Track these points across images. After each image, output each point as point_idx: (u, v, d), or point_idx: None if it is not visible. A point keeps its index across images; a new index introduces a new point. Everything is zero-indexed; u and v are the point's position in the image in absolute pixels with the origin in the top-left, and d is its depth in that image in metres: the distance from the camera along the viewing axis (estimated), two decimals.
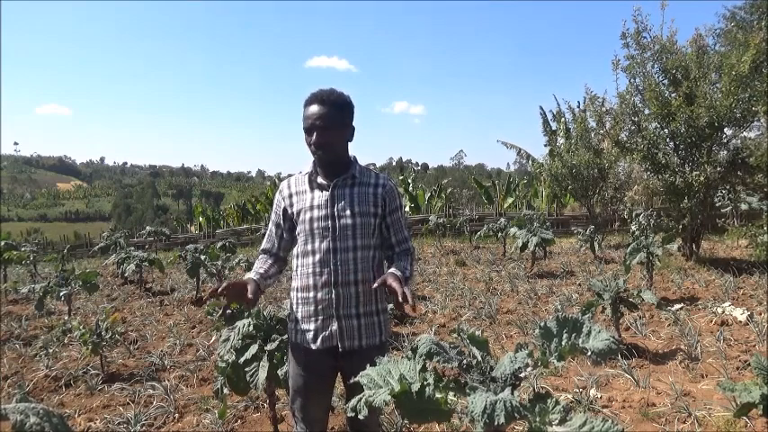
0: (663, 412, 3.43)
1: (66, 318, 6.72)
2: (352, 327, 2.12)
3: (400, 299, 1.90)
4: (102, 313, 5.26)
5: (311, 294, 2.10)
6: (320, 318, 2.11)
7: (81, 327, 4.58)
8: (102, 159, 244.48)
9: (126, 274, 9.30)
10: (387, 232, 2.24)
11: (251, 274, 2.14)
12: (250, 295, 2.01)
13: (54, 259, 12.01)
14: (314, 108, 2.07)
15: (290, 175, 2.37)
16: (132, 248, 10.37)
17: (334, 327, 2.10)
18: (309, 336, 2.12)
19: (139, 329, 6.26)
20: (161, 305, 7.67)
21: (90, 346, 4.46)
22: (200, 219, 22.88)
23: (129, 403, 4.02)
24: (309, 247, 2.13)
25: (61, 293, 6.54)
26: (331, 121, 2.07)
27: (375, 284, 2.00)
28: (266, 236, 2.33)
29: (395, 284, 1.93)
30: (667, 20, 8.55)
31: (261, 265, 2.23)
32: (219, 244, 11.75)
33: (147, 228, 17.72)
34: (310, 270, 2.12)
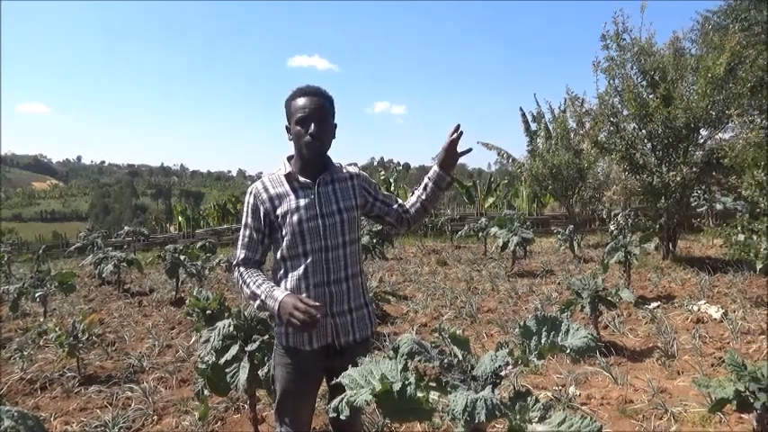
0: (640, 409, 3.48)
1: (41, 319, 6.60)
2: (346, 322, 2.11)
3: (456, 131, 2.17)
4: (79, 314, 5.18)
5: (304, 296, 1.99)
6: None
7: (57, 328, 4.50)
8: (78, 158, 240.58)
9: (103, 275, 9.14)
10: (385, 206, 2.29)
11: (280, 294, 1.97)
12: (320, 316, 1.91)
13: (29, 260, 11.80)
14: (307, 99, 2.05)
15: (259, 176, 2.34)
16: (110, 249, 10.22)
17: (330, 325, 2.08)
18: (304, 337, 2.08)
19: (117, 331, 6.17)
20: (139, 306, 7.57)
21: (66, 348, 4.39)
22: (180, 218, 22.59)
23: (106, 406, 3.96)
24: (300, 249, 2.07)
25: (36, 295, 6.42)
26: (326, 112, 2.09)
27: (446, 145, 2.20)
28: (244, 243, 2.14)
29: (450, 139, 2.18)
30: (646, 22, 8.66)
31: (264, 278, 2.08)
32: (199, 244, 11.65)
33: (126, 228, 17.44)
34: (302, 272, 2.07)
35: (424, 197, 2.28)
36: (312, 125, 2.03)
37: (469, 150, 2.27)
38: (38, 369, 4.82)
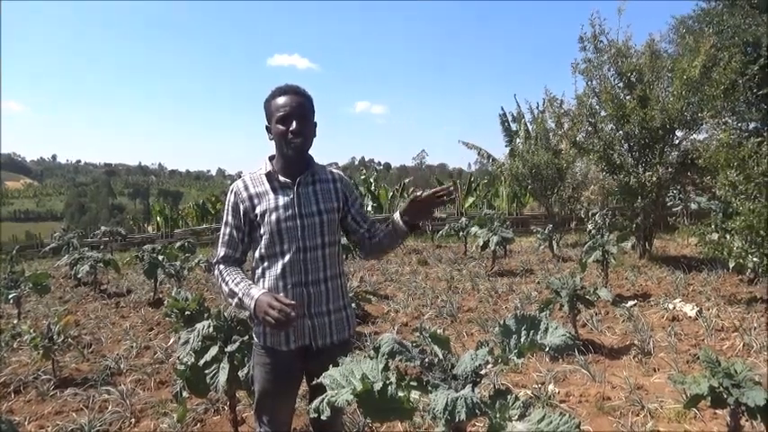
0: (618, 406, 3.53)
1: (15, 321, 6.47)
2: (324, 324, 2.11)
3: (439, 189, 2.03)
4: (54, 316, 5.09)
5: (281, 295, 1.99)
6: None
7: (31, 330, 4.42)
8: (53, 157, 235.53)
9: (79, 276, 8.97)
10: (354, 223, 2.25)
11: (256, 292, 1.97)
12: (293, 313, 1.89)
13: (2, 260, 11.54)
14: (287, 98, 2.05)
15: (239, 175, 2.32)
16: (86, 249, 10.04)
17: (307, 326, 2.08)
18: (281, 337, 2.08)
19: (94, 332, 6.07)
20: (117, 307, 7.46)
21: (41, 351, 4.31)
22: (158, 218, 22.28)
23: (82, 409, 3.89)
24: (278, 248, 2.07)
25: (10, 296, 6.29)
26: (307, 110, 2.09)
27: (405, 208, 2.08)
28: (225, 241, 2.15)
29: (424, 195, 2.04)
30: (623, 25, 8.81)
31: (242, 276, 2.08)
32: (178, 244, 11.50)
33: (102, 228, 17.15)
34: (279, 272, 2.07)
35: (383, 235, 2.21)
36: (294, 123, 2.03)
37: (428, 215, 2.11)
38: (11, 372, 4.72)
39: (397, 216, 2.13)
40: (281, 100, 2.05)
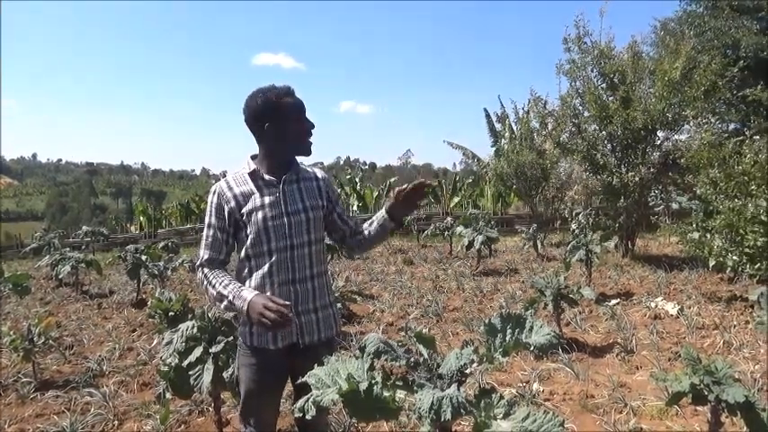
0: (601, 403, 3.57)
1: None
2: (311, 321, 2.11)
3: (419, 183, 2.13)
4: (35, 317, 5.01)
5: (268, 294, 1.99)
6: None
7: (11, 332, 4.35)
8: (34, 156, 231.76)
9: (61, 277, 8.84)
10: (341, 222, 2.27)
11: (248, 294, 1.95)
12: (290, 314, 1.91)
13: None
14: (296, 100, 2.10)
15: (223, 174, 2.33)
16: (68, 249, 9.89)
17: (294, 324, 2.07)
18: (269, 336, 2.06)
19: (75, 334, 5.98)
20: (99, 308, 7.36)
21: (21, 353, 4.24)
22: (141, 218, 22.05)
23: (64, 411, 3.83)
24: (265, 247, 2.05)
25: None
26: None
27: (399, 194, 2.14)
28: (208, 243, 2.11)
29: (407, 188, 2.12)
30: (606, 27, 8.90)
31: (230, 278, 2.06)
32: (162, 244, 11.41)
33: (84, 228, 16.92)
34: (266, 270, 2.05)
35: (371, 232, 2.26)
36: (308, 123, 2.11)
37: (413, 208, 2.23)
38: None
39: (383, 213, 2.20)
40: (291, 101, 2.08)
